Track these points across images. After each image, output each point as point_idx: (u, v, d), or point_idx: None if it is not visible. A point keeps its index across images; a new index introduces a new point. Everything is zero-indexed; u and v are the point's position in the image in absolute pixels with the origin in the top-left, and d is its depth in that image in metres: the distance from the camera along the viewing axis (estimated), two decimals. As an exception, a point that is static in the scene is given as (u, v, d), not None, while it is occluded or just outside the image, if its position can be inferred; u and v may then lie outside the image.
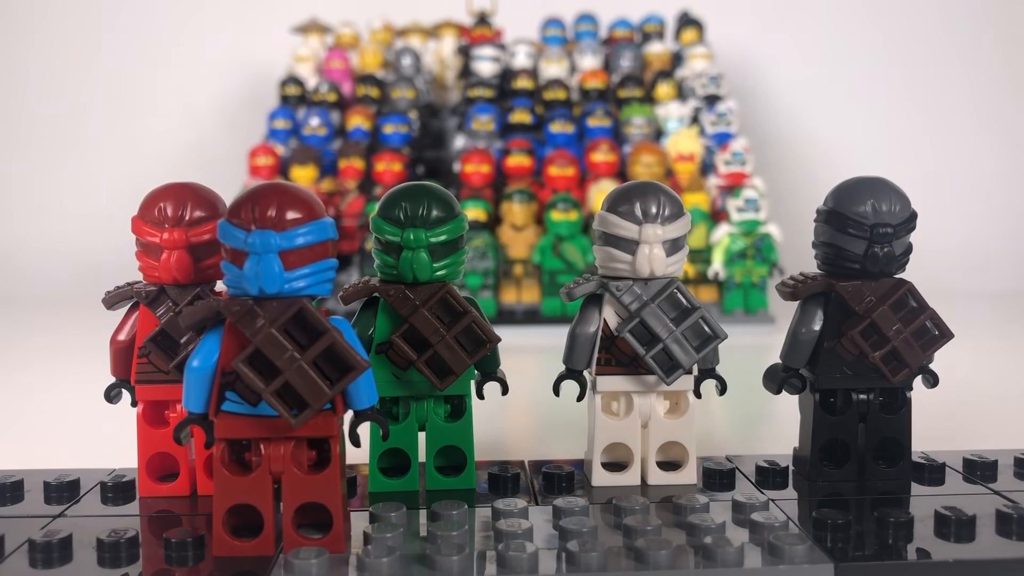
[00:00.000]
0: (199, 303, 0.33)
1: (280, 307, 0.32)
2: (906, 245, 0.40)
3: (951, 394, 0.47)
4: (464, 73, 1.35)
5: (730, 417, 0.59)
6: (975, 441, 0.49)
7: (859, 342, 0.39)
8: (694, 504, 0.36)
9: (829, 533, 0.34)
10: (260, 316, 0.32)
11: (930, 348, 0.40)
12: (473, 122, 1.21)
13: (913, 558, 0.33)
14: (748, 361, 0.50)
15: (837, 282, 0.40)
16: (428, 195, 0.38)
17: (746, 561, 0.32)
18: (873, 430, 0.41)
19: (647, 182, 0.40)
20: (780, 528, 0.34)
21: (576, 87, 1.31)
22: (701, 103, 1.24)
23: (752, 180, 1.08)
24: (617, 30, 1.42)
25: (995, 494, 0.39)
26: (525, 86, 1.29)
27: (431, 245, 0.38)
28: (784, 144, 1.49)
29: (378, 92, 1.31)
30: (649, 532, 0.33)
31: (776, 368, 0.42)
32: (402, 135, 1.20)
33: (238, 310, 0.32)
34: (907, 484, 0.41)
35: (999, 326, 1.08)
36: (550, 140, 1.19)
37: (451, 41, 1.39)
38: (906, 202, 0.39)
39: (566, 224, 1.03)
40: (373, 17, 1.45)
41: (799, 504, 0.39)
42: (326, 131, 1.22)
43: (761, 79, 1.52)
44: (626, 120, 1.21)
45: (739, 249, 1.04)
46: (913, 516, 0.35)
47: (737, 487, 0.40)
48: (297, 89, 1.30)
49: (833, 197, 0.40)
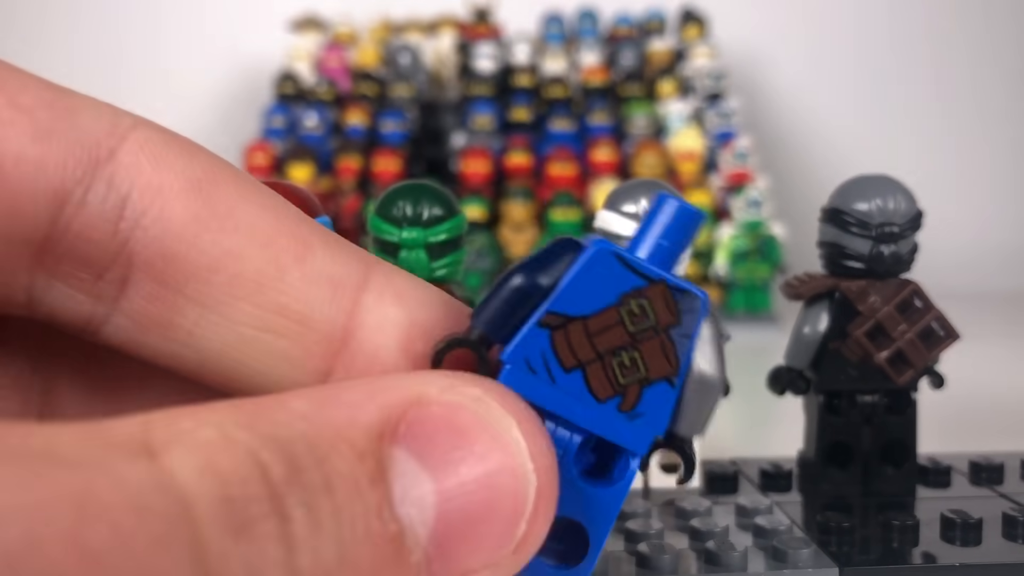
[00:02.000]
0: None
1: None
2: (912, 245, 0.39)
3: (957, 396, 0.47)
4: (463, 70, 1.35)
5: (733, 419, 0.59)
6: (982, 443, 0.49)
7: (864, 343, 0.39)
8: (697, 507, 0.36)
9: (834, 537, 0.34)
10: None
11: (936, 349, 0.39)
12: (472, 120, 1.21)
13: (918, 562, 0.33)
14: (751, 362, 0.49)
15: (842, 282, 0.39)
16: (426, 194, 0.38)
17: (750, 566, 0.32)
18: (878, 432, 0.40)
19: (649, 180, 0.40)
20: (784, 532, 0.34)
21: (577, 84, 1.30)
22: (704, 101, 1.23)
23: (756, 179, 1.08)
24: (618, 27, 1.41)
25: (1002, 497, 0.39)
26: (525, 83, 1.28)
27: (429, 244, 0.37)
28: (789, 142, 1.48)
29: (376, 89, 1.30)
30: (651, 536, 0.33)
31: (780, 369, 0.42)
32: (400, 133, 1.20)
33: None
34: (913, 487, 0.40)
35: (1007, 327, 1.08)
36: (550, 138, 1.18)
37: (450, 38, 1.38)
38: (912, 200, 0.39)
39: (566, 223, 1.02)
40: (371, 13, 1.44)
41: (804, 507, 0.38)
42: (323, 129, 1.22)
43: (767, 76, 1.51)
44: (628, 118, 1.21)
45: (742, 249, 1.03)
46: (919, 520, 0.35)
47: (740, 490, 0.40)
48: (293, 86, 1.30)
49: (837, 196, 0.40)
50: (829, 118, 1.51)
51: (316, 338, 0.18)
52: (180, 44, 1.54)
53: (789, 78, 1.52)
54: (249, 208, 0.18)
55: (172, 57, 1.54)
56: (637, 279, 0.19)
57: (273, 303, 0.18)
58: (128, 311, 0.18)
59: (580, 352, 0.19)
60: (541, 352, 0.18)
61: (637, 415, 0.19)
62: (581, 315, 0.18)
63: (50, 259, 0.17)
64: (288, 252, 0.18)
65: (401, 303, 0.19)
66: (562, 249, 0.19)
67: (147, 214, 0.17)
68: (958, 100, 1.52)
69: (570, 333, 0.18)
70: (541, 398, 0.19)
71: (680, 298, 0.19)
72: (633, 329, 0.19)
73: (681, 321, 0.19)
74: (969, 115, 1.51)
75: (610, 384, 0.19)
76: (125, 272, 0.18)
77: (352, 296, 0.19)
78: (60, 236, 0.17)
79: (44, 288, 0.18)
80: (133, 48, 1.55)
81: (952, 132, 1.51)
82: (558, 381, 0.19)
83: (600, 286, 0.19)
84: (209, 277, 0.18)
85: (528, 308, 0.19)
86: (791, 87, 1.52)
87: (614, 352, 0.19)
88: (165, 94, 1.52)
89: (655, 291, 0.19)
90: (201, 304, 0.18)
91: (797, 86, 1.52)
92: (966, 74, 1.52)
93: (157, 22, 1.55)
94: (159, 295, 0.18)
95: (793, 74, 1.52)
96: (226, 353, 0.18)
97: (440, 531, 0.15)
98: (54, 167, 0.17)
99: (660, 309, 0.19)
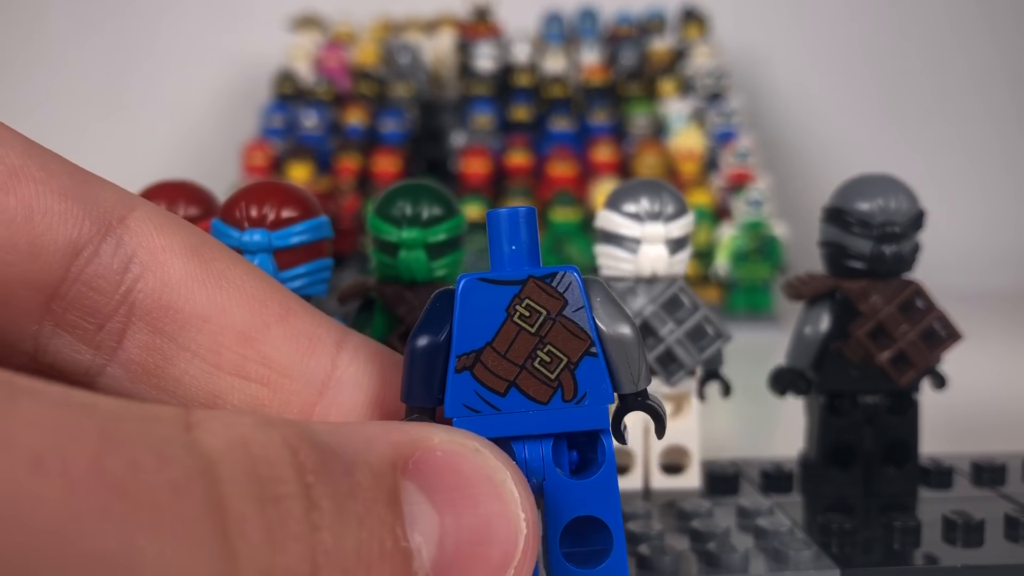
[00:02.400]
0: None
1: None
2: (914, 244, 0.39)
3: (960, 396, 0.46)
4: (463, 70, 1.34)
5: (734, 420, 0.59)
6: (984, 444, 0.49)
7: (866, 343, 0.38)
8: (698, 509, 0.36)
9: (835, 538, 0.34)
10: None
11: (938, 349, 0.39)
12: (472, 119, 1.20)
13: (920, 564, 0.33)
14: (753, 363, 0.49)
15: (843, 282, 0.39)
16: (426, 193, 0.38)
17: (750, 567, 0.32)
18: (880, 433, 0.40)
19: (650, 180, 0.39)
20: (785, 533, 0.34)
21: (577, 84, 1.30)
22: (704, 100, 1.23)
23: (757, 178, 1.08)
24: (618, 26, 1.41)
25: (1003, 498, 0.39)
26: (525, 83, 1.28)
27: (429, 244, 0.37)
28: (791, 142, 1.48)
29: (375, 89, 1.30)
30: (652, 537, 0.33)
31: (781, 370, 0.42)
32: (400, 132, 1.19)
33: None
34: (914, 488, 0.40)
35: (1009, 327, 1.08)
36: (550, 138, 1.18)
37: (450, 37, 1.38)
38: (914, 200, 0.39)
39: (566, 223, 1.02)
40: (370, 12, 1.44)
41: (805, 509, 0.38)
42: (322, 128, 1.21)
43: (767, 75, 1.51)
44: (628, 117, 1.20)
45: (743, 249, 1.03)
46: (920, 521, 0.35)
47: (742, 491, 0.40)
48: (293, 85, 1.30)
49: (838, 195, 0.40)
50: (830, 117, 1.51)
51: (295, 388, 0.20)
52: (180, 43, 1.53)
53: (790, 77, 1.52)
54: (239, 272, 0.21)
55: (172, 56, 1.53)
56: (508, 288, 0.20)
57: (257, 353, 0.20)
58: (123, 361, 0.20)
59: (504, 373, 0.20)
60: (474, 391, 0.20)
61: (582, 397, 0.20)
62: (486, 343, 0.20)
63: (59, 306, 0.19)
64: (272, 311, 0.20)
65: (374, 362, 0.21)
66: (436, 303, 0.21)
67: (150, 269, 0.20)
68: (959, 99, 1.52)
69: (486, 363, 0.20)
70: (496, 429, 0.20)
71: (553, 282, 0.20)
72: (534, 328, 0.20)
73: (567, 300, 0.20)
74: (970, 114, 1.51)
75: (544, 384, 0.20)
76: (124, 323, 0.20)
77: (330, 354, 0.21)
78: (71, 284, 0.19)
79: (50, 337, 0.20)
80: (133, 48, 1.54)
81: (953, 131, 1.51)
82: (502, 407, 0.20)
83: (484, 311, 0.20)
84: (201, 326, 0.20)
85: (434, 367, 0.20)
86: (792, 86, 1.52)
87: (531, 356, 0.20)
88: (165, 93, 1.52)
89: (529, 289, 0.20)
90: (191, 352, 0.20)
91: (798, 85, 1.52)
92: (967, 73, 1.52)
93: (157, 22, 1.55)
94: (153, 345, 0.20)
95: (794, 73, 1.52)
96: (210, 402, 0.20)
97: (442, 563, 0.16)
98: (74, 222, 0.19)
99: (543, 300, 0.20)
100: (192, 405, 0.18)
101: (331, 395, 0.21)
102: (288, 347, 0.20)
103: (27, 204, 0.18)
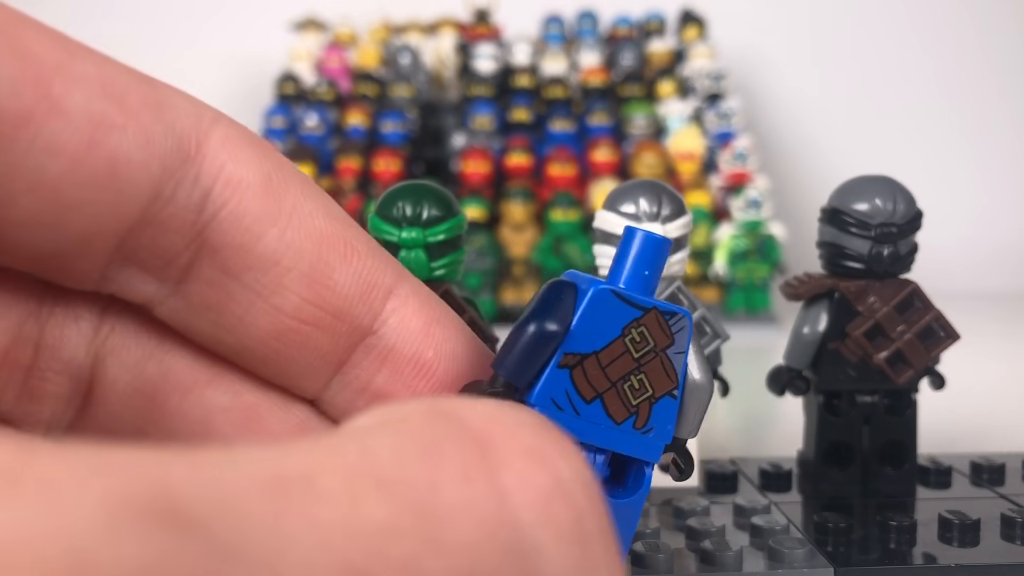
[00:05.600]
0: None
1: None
2: (912, 245, 0.39)
3: (958, 396, 0.46)
4: (463, 71, 1.34)
5: (733, 419, 0.59)
6: (983, 444, 0.49)
7: (863, 343, 0.39)
8: (694, 507, 0.36)
9: (830, 537, 0.34)
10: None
11: (936, 349, 0.39)
12: (472, 120, 1.20)
13: (916, 563, 0.33)
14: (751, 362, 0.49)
15: (841, 282, 0.39)
16: (426, 194, 0.38)
17: (745, 565, 0.32)
18: (878, 433, 0.40)
19: (648, 181, 0.39)
20: (781, 532, 0.34)
21: (577, 85, 1.30)
22: (703, 101, 1.23)
23: (755, 179, 1.08)
24: (618, 27, 1.41)
25: (1001, 498, 0.39)
26: (525, 84, 1.28)
27: (429, 244, 0.37)
28: (789, 142, 1.48)
29: (376, 90, 1.30)
30: (647, 535, 0.33)
31: (779, 369, 0.42)
32: (400, 134, 1.20)
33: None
34: (912, 488, 0.40)
35: (1007, 327, 1.08)
36: (550, 138, 1.18)
37: (450, 38, 1.38)
38: (911, 201, 0.39)
39: (566, 224, 1.02)
40: (371, 14, 1.44)
41: (803, 507, 0.38)
42: (323, 129, 1.22)
43: (766, 77, 1.51)
44: (627, 118, 1.21)
45: (742, 249, 1.03)
46: (916, 520, 0.35)
47: (739, 490, 0.40)
48: (294, 87, 1.30)
49: (836, 196, 0.40)
50: (828, 118, 1.51)
51: (345, 331, 0.21)
52: (181, 44, 1.54)
53: (788, 78, 1.52)
54: (309, 207, 0.20)
55: (173, 57, 1.54)
56: (634, 310, 0.21)
57: (317, 296, 0.20)
58: (187, 294, 0.20)
59: (597, 384, 0.21)
60: (564, 390, 0.21)
61: (649, 429, 0.22)
62: (593, 351, 0.21)
63: (131, 244, 0.19)
64: (336, 251, 0.20)
65: (420, 313, 0.21)
66: (558, 293, 0.21)
67: (225, 207, 0.19)
68: (957, 100, 1.52)
69: (587, 369, 0.21)
70: (569, 430, 0.21)
71: (671, 320, 0.21)
72: (637, 355, 0.21)
73: (674, 340, 0.22)
74: (968, 115, 1.51)
75: (625, 407, 0.21)
76: (192, 258, 0.19)
77: (382, 298, 0.21)
78: (146, 226, 0.19)
79: (117, 269, 0.19)
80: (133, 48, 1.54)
81: (951, 132, 1.51)
82: (581, 413, 0.21)
83: (604, 322, 0.21)
84: (268, 268, 0.20)
85: (544, 353, 0.21)
86: (790, 87, 1.52)
87: (624, 378, 0.21)
88: (165, 94, 1.52)
89: (650, 318, 0.21)
90: (255, 292, 0.20)
91: (796, 86, 1.52)
92: (966, 74, 1.52)
93: (158, 22, 1.55)
94: (218, 281, 0.20)
95: (792, 74, 1.52)
96: (265, 341, 0.20)
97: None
98: (156, 168, 0.18)
99: (656, 333, 0.21)
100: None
101: (373, 339, 0.21)
102: (346, 289, 0.20)
103: (111, 157, 0.18)
